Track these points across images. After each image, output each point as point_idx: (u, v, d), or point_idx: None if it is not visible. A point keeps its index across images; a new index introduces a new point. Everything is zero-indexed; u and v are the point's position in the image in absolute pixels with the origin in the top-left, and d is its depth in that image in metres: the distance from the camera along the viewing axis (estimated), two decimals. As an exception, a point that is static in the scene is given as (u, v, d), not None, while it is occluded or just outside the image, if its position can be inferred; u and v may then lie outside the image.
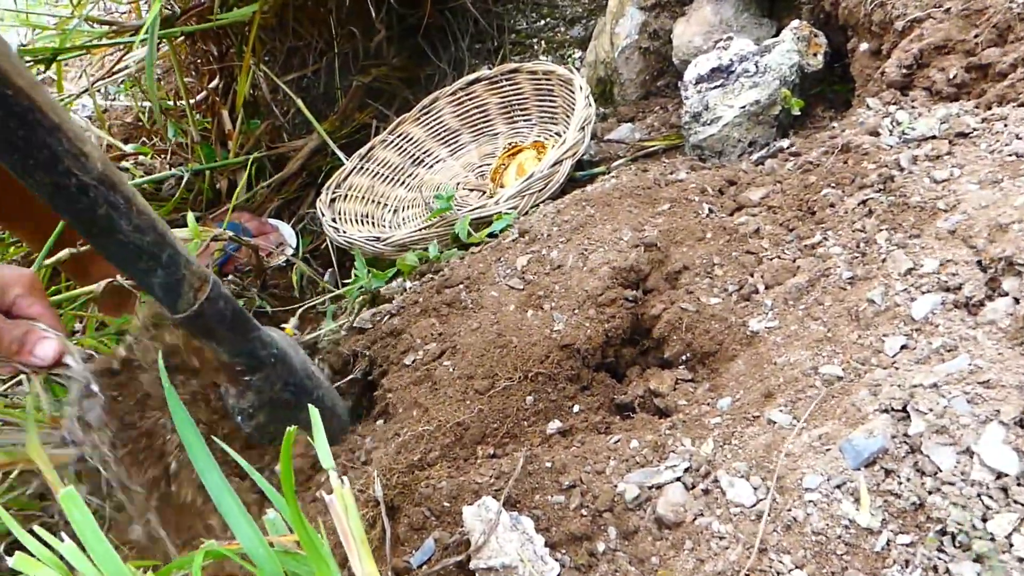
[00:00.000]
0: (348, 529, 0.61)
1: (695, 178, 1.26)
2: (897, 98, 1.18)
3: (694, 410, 0.91)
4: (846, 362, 0.83)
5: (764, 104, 1.44)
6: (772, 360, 0.89)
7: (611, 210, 1.19)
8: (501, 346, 1.03)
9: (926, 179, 0.97)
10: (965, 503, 0.67)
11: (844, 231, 0.99)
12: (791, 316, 0.94)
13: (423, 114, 1.91)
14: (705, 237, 1.09)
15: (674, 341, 1.02)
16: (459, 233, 1.37)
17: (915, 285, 0.85)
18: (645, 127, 1.75)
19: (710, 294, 1.02)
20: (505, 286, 1.12)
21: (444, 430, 0.96)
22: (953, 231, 0.88)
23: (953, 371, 0.75)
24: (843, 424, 0.77)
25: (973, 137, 1.00)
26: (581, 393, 1.02)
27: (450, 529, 0.85)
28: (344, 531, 0.61)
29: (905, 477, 0.70)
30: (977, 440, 0.69)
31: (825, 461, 0.74)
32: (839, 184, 1.05)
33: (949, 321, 0.81)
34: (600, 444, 0.90)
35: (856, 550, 0.68)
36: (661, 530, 0.78)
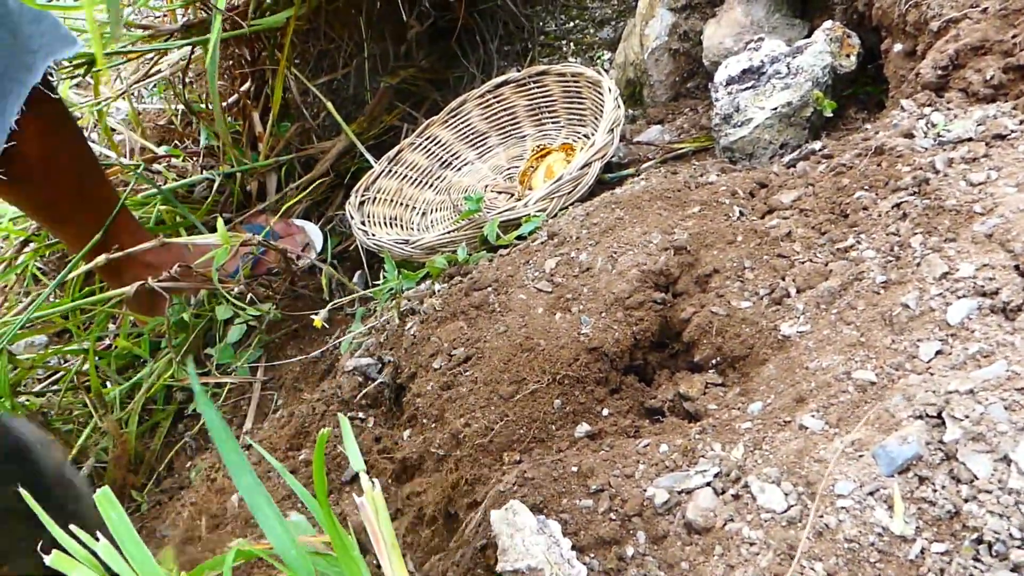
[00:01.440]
0: (379, 532, 0.61)
1: (725, 180, 1.26)
2: (932, 99, 1.16)
3: (724, 415, 0.90)
4: (879, 367, 0.82)
5: (796, 106, 1.43)
6: (804, 365, 0.89)
7: (640, 213, 1.19)
8: (529, 349, 1.03)
9: (962, 182, 0.95)
10: (1003, 512, 0.65)
11: (878, 234, 0.97)
12: (823, 320, 0.93)
13: (451, 117, 1.92)
14: (736, 240, 1.09)
15: (704, 345, 1.01)
16: (488, 235, 1.37)
17: (950, 290, 0.84)
18: (675, 129, 1.74)
19: (741, 298, 1.01)
20: (533, 288, 1.12)
21: (471, 435, 0.96)
22: (990, 235, 0.87)
23: (990, 377, 0.73)
24: (876, 430, 0.76)
25: (1011, 139, 0.99)
26: (610, 396, 1.02)
27: (479, 533, 0.85)
28: (375, 533, 0.62)
29: (940, 485, 0.69)
30: (1015, 447, 0.68)
31: (858, 467, 0.73)
32: (872, 187, 1.04)
33: (986, 327, 0.79)
34: (629, 448, 0.89)
35: (890, 558, 0.68)
36: (691, 535, 0.77)
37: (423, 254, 1.47)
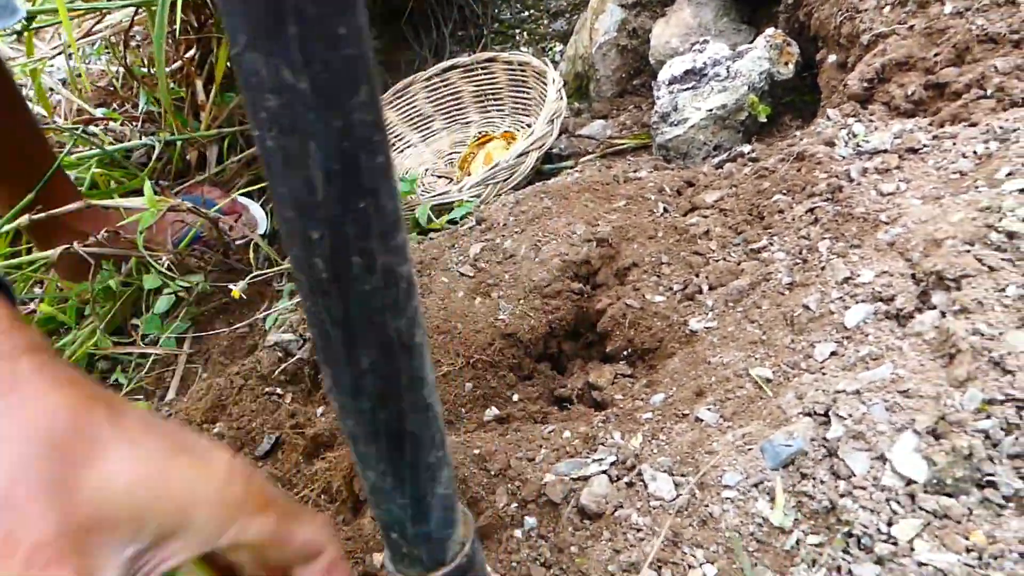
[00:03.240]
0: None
1: (655, 177, 1.27)
2: (857, 111, 1.19)
3: (628, 405, 0.92)
4: (777, 365, 0.85)
5: (731, 109, 1.45)
6: (707, 359, 0.91)
7: (568, 203, 1.20)
8: (445, 332, 1.03)
9: (873, 191, 0.98)
10: (874, 507, 0.68)
11: (789, 237, 1.00)
12: (730, 318, 0.95)
13: (396, 98, 1.91)
14: (657, 235, 1.10)
15: (617, 336, 1.02)
16: (419, 218, 1.37)
17: (850, 294, 0.87)
18: (618, 125, 1.76)
19: (656, 292, 1.03)
20: (456, 272, 1.13)
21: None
22: (892, 243, 0.89)
23: (876, 379, 0.76)
24: (767, 425, 0.78)
25: (923, 153, 1.02)
26: (521, 383, 1.03)
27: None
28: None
29: (820, 480, 0.71)
30: (891, 447, 0.70)
31: (746, 460, 0.75)
32: (790, 191, 1.07)
33: (879, 331, 0.82)
34: (534, 433, 0.91)
35: (766, 548, 0.70)
36: (583, 520, 0.79)
37: (356, 233, 1.46)
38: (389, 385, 0.38)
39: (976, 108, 1.04)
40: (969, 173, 0.94)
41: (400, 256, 0.35)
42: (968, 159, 0.96)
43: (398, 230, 0.34)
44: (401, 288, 0.35)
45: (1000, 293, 0.76)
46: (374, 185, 0.32)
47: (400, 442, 0.41)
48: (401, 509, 0.44)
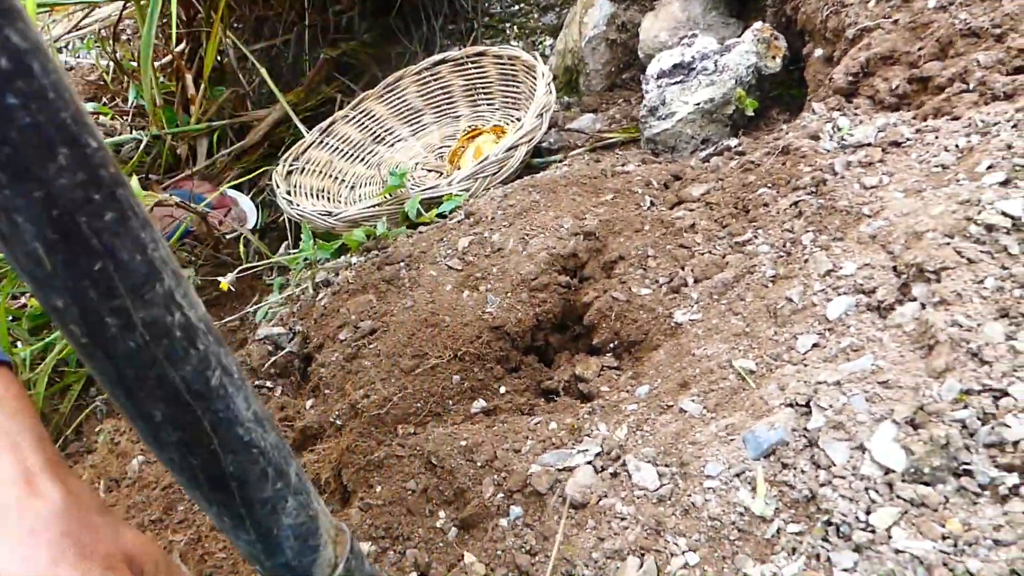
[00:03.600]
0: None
1: (643, 171, 1.28)
2: (842, 104, 1.20)
3: (614, 396, 0.93)
4: (760, 357, 0.86)
5: (719, 102, 1.46)
6: (692, 351, 0.92)
7: (556, 197, 1.21)
8: (433, 325, 1.04)
9: (856, 184, 0.99)
10: (853, 496, 0.69)
11: (774, 230, 1.01)
12: (714, 310, 0.96)
13: (387, 92, 1.91)
14: (643, 229, 1.11)
15: (603, 329, 1.03)
16: (409, 212, 1.38)
17: (833, 286, 0.88)
18: (607, 118, 1.76)
19: (642, 284, 1.04)
20: (444, 266, 1.13)
21: (369, 406, 0.97)
22: (874, 236, 0.90)
23: (856, 370, 0.77)
24: (750, 416, 0.79)
25: (906, 146, 1.03)
26: (509, 375, 1.04)
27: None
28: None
29: (800, 469, 0.72)
30: (870, 437, 0.71)
31: (728, 450, 0.77)
32: (775, 184, 1.08)
33: (860, 323, 0.83)
34: (521, 424, 0.91)
35: (748, 536, 0.71)
36: (568, 509, 0.80)
37: (346, 227, 1.47)
38: (191, 433, 0.38)
39: (959, 102, 1.05)
40: (951, 166, 0.95)
41: (165, 307, 0.34)
42: (950, 152, 0.97)
43: (154, 281, 0.34)
44: (175, 338, 0.35)
45: (979, 285, 0.77)
46: (108, 244, 0.32)
47: (223, 484, 0.41)
48: (250, 545, 0.45)
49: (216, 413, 0.38)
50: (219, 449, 0.39)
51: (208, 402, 0.38)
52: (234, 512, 0.42)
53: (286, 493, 0.44)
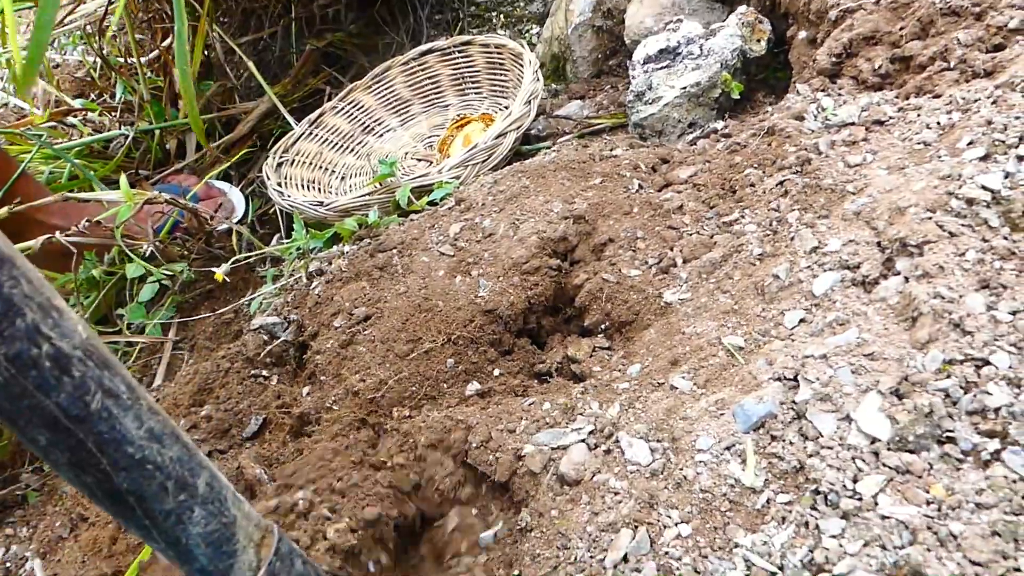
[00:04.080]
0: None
1: (631, 155, 1.29)
2: (826, 85, 1.22)
3: (606, 376, 0.94)
4: (748, 333, 0.87)
5: (705, 86, 1.47)
6: (681, 330, 0.93)
7: (545, 182, 1.22)
8: (427, 310, 1.05)
9: (840, 163, 1.01)
10: (840, 465, 0.71)
11: (760, 210, 1.02)
12: (703, 289, 0.97)
13: (375, 82, 1.92)
14: (632, 211, 1.13)
15: (594, 310, 1.05)
16: (400, 200, 1.39)
17: (818, 263, 0.89)
18: (594, 105, 1.77)
19: (631, 266, 1.05)
20: (436, 252, 1.15)
21: (364, 391, 0.99)
22: (858, 213, 0.92)
23: (842, 343, 0.79)
24: (739, 391, 0.81)
25: (888, 125, 1.04)
26: (502, 358, 1.05)
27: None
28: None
29: (789, 441, 0.74)
30: (856, 408, 0.73)
31: (718, 425, 0.78)
32: (761, 165, 1.09)
33: (846, 297, 0.85)
34: (515, 405, 0.93)
35: (738, 507, 0.72)
36: (562, 486, 0.81)
37: (337, 216, 1.48)
38: (78, 455, 0.40)
39: (940, 80, 1.07)
40: (932, 143, 0.97)
41: (28, 340, 0.36)
42: (932, 130, 0.98)
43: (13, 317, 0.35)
44: (44, 368, 0.37)
45: (960, 258, 0.79)
46: None
47: (120, 499, 0.43)
48: (163, 552, 0.47)
49: (100, 435, 0.40)
50: (109, 468, 0.41)
51: (90, 425, 0.39)
52: (138, 523, 0.44)
53: (192, 504, 0.45)
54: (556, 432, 0.86)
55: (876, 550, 0.65)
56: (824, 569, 0.65)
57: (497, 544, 0.85)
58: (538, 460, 0.84)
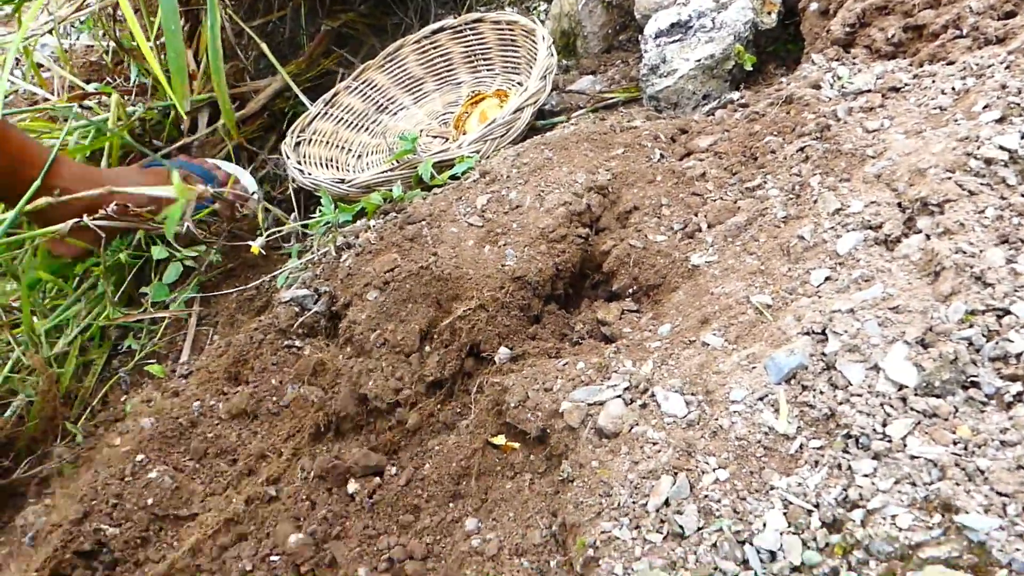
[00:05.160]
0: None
1: (649, 126, 1.33)
2: (840, 55, 1.25)
3: (637, 336, 0.98)
4: (775, 292, 0.91)
5: (718, 58, 1.50)
6: (710, 291, 0.97)
7: (568, 154, 1.25)
8: (458, 278, 1.09)
9: (859, 129, 1.04)
10: (870, 411, 0.75)
11: (782, 175, 1.06)
12: (729, 251, 1.01)
13: (387, 61, 1.94)
14: (655, 180, 1.16)
15: (622, 275, 1.08)
16: (422, 174, 1.42)
17: (841, 224, 0.93)
18: (606, 79, 1.80)
19: (657, 232, 1.09)
20: (465, 223, 1.18)
21: (404, 358, 1.03)
22: (879, 175, 0.95)
23: (868, 298, 0.82)
24: (769, 345, 0.84)
25: (904, 91, 1.08)
26: (533, 323, 1.09)
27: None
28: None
29: (819, 390, 0.78)
30: (884, 357, 0.77)
31: (751, 377, 0.82)
32: (780, 132, 1.12)
33: (869, 256, 0.88)
34: (549, 366, 0.97)
35: (773, 453, 0.76)
36: (601, 439, 0.85)
37: (359, 192, 1.51)
38: None
39: (953, 47, 1.10)
40: (948, 108, 1.00)
41: None
42: (947, 95, 1.02)
43: None
44: None
45: (980, 215, 0.83)
46: None
47: None
48: None
49: None
50: None
51: None
52: None
53: None
54: (592, 389, 0.90)
55: (907, 487, 0.69)
56: (858, 505, 0.69)
57: (538, 495, 0.89)
58: (576, 416, 0.88)
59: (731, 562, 0.70)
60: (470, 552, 0.89)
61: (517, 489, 0.93)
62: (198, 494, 1.10)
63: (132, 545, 1.06)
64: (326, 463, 1.03)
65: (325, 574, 0.97)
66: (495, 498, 0.93)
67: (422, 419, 1.04)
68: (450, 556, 0.92)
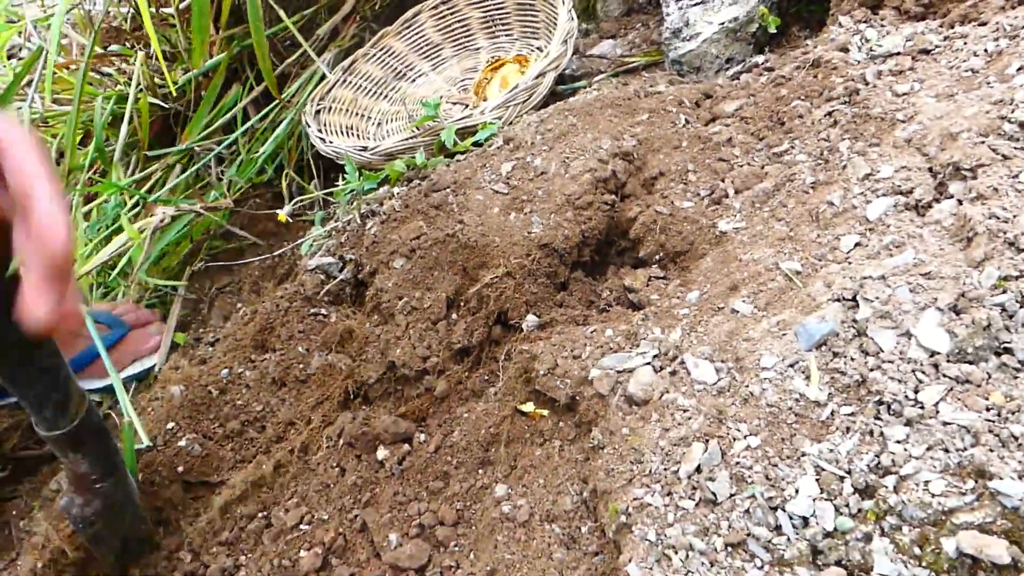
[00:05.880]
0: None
1: (673, 91, 1.31)
2: (868, 16, 1.23)
3: (665, 303, 0.98)
4: (805, 258, 0.91)
5: (742, 21, 1.48)
6: (738, 257, 0.97)
7: (592, 120, 1.25)
8: (484, 245, 1.09)
9: (888, 92, 1.03)
10: (901, 378, 0.75)
11: (810, 140, 1.05)
12: (757, 218, 1.01)
13: (405, 28, 1.93)
14: (681, 145, 1.15)
15: (648, 242, 1.08)
16: (445, 141, 1.41)
17: (871, 189, 0.92)
18: (627, 43, 1.78)
19: (683, 198, 1.09)
20: (490, 190, 1.18)
21: (432, 325, 1.03)
22: (909, 140, 0.95)
23: (899, 264, 0.82)
24: (799, 312, 0.84)
25: (935, 54, 1.06)
26: (560, 290, 1.09)
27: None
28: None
29: (850, 357, 0.78)
30: (916, 324, 0.77)
31: (781, 344, 0.82)
32: (808, 97, 1.11)
33: (900, 221, 0.88)
34: (577, 334, 0.97)
35: (804, 419, 0.77)
36: (631, 406, 0.86)
37: (382, 160, 1.50)
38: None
39: (985, 7, 1.08)
40: (980, 70, 0.99)
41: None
42: (979, 57, 1.00)
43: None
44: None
45: (1014, 179, 0.82)
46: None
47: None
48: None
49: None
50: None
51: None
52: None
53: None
54: (621, 356, 0.91)
55: (940, 453, 0.69)
56: (891, 471, 0.70)
57: (568, 462, 0.90)
58: (606, 383, 0.89)
59: (764, 528, 0.70)
60: (501, 518, 0.91)
61: (547, 456, 0.94)
62: (227, 461, 1.11)
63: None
64: (355, 430, 1.04)
65: (356, 539, 0.99)
66: (524, 465, 0.94)
67: (450, 386, 1.05)
68: (480, 522, 0.93)
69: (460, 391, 1.05)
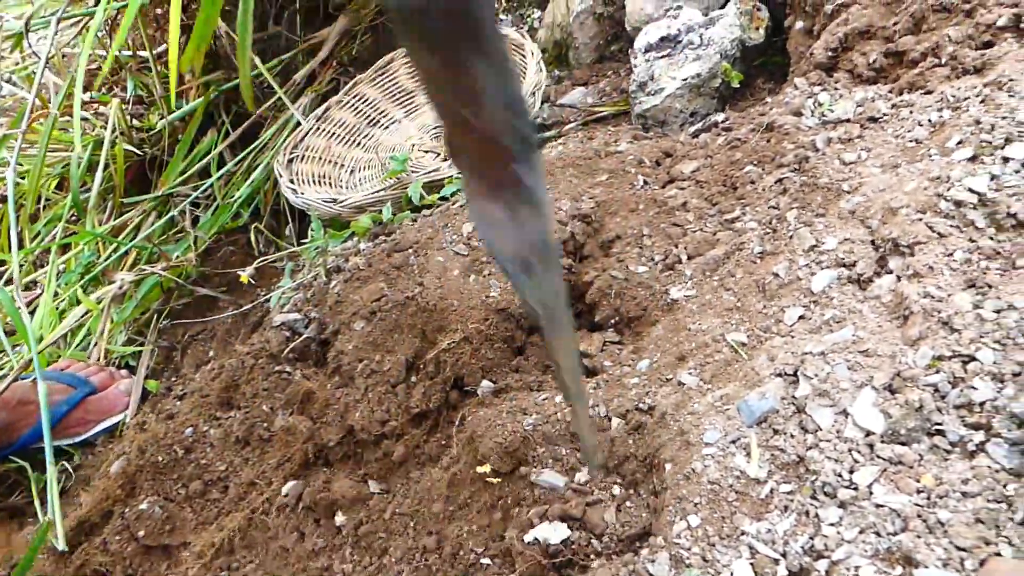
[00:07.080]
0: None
1: (634, 149, 1.34)
2: (822, 79, 1.25)
3: (617, 371, 1.00)
4: (751, 330, 0.93)
5: (705, 77, 1.51)
6: (687, 326, 0.98)
7: (553, 179, 1.27)
8: (443, 309, 1.11)
9: (836, 161, 1.05)
10: (837, 457, 0.76)
11: (760, 207, 1.07)
12: (707, 286, 1.02)
13: (378, 75, 1.95)
14: (638, 208, 1.17)
15: (604, 306, 1.10)
16: (412, 196, 1.43)
17: (816, 261, 0.94)
18: (597, 92, 1.81)
19: (638, 263, 1.10)
20: (451, 252, 1.20)
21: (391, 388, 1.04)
22: (853, 211, 0.97)
23: (839, 340, 0.84)
24: (743, 386, 0.86)
25: (882, 121, 1.09)
26: (516, 355, 1.11)
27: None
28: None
29: (790, 434, 0.80)
30: (852, 403, 0.78)
31: (724, 419, 0.84)
32: (760, 162, 1.14)
33: (842, 295, 0.90)
34: (528, 401, 0.98)
35: (744, 497, 0.78)
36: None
37: (351, 213, 1.52)
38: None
39: (932, 75, 1.11)
40: (924, 141, 1.01)
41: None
42: (923, 127, 1.03)
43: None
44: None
45: (948, 258, 0.84)
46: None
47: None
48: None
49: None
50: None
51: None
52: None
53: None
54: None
55: (871, 537, 0.70)
56: (823, 555, 0.71)
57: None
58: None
59: (699, 611, 0.72)
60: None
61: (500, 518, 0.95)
62: (189, 523, 1.12)
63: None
64: (315, 494, 1.05)
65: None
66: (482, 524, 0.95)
67: (408, 451, 1.06)
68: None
69: (418, 455, 1.06)
